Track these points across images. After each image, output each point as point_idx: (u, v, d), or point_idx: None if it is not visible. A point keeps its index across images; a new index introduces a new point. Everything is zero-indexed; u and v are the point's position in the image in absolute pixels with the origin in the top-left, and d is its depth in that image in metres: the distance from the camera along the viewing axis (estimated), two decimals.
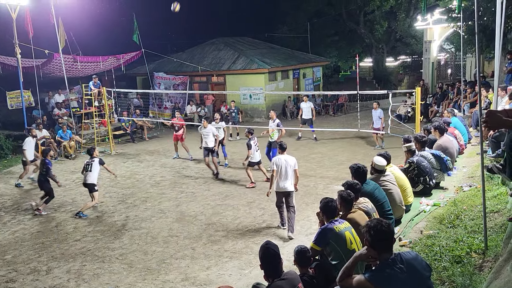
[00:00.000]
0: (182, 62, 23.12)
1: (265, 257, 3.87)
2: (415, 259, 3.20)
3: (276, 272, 3.82)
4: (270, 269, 3.85)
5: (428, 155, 7.77)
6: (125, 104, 20.68)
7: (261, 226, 8.32)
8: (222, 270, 6.65)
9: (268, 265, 3.86)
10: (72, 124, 17.18)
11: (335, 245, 4.52)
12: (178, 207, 9.67)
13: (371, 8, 30.17)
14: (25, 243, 8.14)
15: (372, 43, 33.31)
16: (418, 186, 7.36)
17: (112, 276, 6.68)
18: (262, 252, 3.91)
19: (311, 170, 12.07)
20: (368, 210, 5.26)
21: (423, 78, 23.75)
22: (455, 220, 5.87)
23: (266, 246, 3.91)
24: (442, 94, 17.38)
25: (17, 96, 17.10)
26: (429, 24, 22.15)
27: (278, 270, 3.83)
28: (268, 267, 3.86)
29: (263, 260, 3.89)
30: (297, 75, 24.52)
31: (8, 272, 7.01)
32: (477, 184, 7.20)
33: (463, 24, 14.62)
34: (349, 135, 15.94)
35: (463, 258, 4.67)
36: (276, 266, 3.84)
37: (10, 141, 15.08)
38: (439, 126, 8.91)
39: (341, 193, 5.06)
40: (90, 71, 19.29)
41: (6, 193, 11.38)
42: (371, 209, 5.34)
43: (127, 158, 14.94)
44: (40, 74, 17.13)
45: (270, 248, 3.89)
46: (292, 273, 3.95)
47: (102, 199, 10.50)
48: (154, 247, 7.62)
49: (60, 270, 6.96)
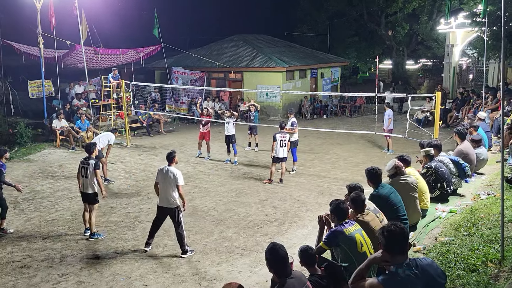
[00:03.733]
0: (201, 58, 23.20)
1: (275, 258, 3.85)
2: (430, 266, 3.15)
3: (284, 268, 3.82)
4: (282, 268, 3.84)
5: (447, 160, 7.66)
6: (142, 97, 20.86)
7: (273, 225, 8.30)
8: (232, 267, 6.65)
9: (279, 265, 3.85)
10: (90, 115, 17.40)
11: (345, 248, 4.50)
12: (191, 201, 9.71)
13: (393, 10, 29.79)
14: (40, 230, 8.27)
15: (393, 45, 32.91)
16: (435, 191, 7.26)
17: (124, 266, 6.75)
18: (271, 253, 3.87)
19: (325, 171, 12.00)
20: (372, 211, 5.22)
21: (444, 82, 23.41)
22: (472, 228, 5.77)
23: (274, 247, 3.89)
24: (462, 100, 17.10)
25: (38, 86, 17.38)
26: (452, 28, 21.81)
27: (288, 269, 3.83)
28: (279, 267, 3.85)
29: (274, 261, 3.87)
30: (315, 75, 24.39)
31: (23, 257, 7.14)
32: (495, 192, 7.07)
33: (488, 29, 14.33)
34: (365, 137, 15.79)
35: (478, 267, 4.58)
36: (287, 264, 3.84)
37: (29, 129, 15.33)
38: (460, 131, 8.79)
39: (354, 196, 5.04)
40: (110, 64, 19.49)
41: (24, 181, 11.57)
42: (374, 210, 5.29)
43: (142, 150, 15.07)
44: (61, 64, 17.37)
45: (279, 248, 3.87)
46: (299, 273, 3.96)
47: (116, 191, 10.61)
48: (166, 240, 7.67)
49: (73, 259, 7.06)
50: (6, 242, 7.75)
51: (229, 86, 22.26)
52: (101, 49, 18.61)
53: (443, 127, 15.43)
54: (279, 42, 27.16)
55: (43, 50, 15.95)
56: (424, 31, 29.42)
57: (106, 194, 8.35)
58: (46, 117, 16.22)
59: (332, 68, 26.28)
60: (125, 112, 16.47)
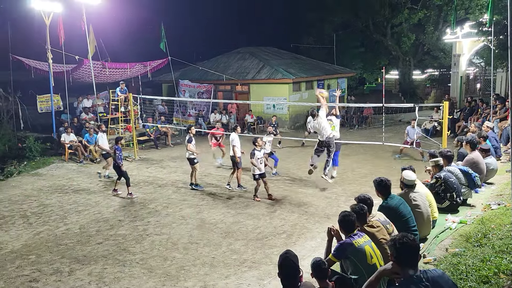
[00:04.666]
0: (207, 71, 23.37)
1: (284, 266, 3.84)
2: (442, 278, 3.11)
3: (294, 282, 3.78)
4: (288, 278, 3.81)
5: (456, 170, 7.59)
6: (150, 111, 21.01)
7: (282, 237, 8.25)
8: (241, 280, 6.60)
9: (286, 274, 3.83)
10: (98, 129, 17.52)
11: (355, 260, 4.44)
12: (199, 214, 9.70)
13: (398, 21, 29.91)
14: (49, 244, 8.29)
15: (399, 55, 32.96)
16: (445, 202, 7.18)
17: (132, 280, 6.73)
18: (281, 261, 3.89)
19: (333, 182, 11.93)
20: (382, 223, 5.16)
21: (451, 92, 23.33)
22: (483, 238, 5.69)
23: (286, 255, 3.89)
24: (470, 109, 17.01)
25: (47, 100, 17.58)
26: (458, 38, 21.80)
27: (296, 280, 3.79)
28: (286, 276, 3.83)
29: (282, 268, 3.87)
30: (321, 86, 24.43)
31: (32, 272, 7.15)
32: (506, 202, 6.98)
33: (494, 38, 14.31)
34: (373, 148, 15.72)
35: (490, 278, 4.51)
36: (295, 275, 3.81)
37: (38, 144, 15.47)
38: (471, 141, 8.71)
39: (354, 207, 5.01)
40: (118, 77, 19.70)
41: (33, 194, 11.65)
42: (384, 221, 5.24)
43: (150, 163, 15.12)
44: (69, 79, 17.59)
45: (289, 257, 3.86)
46: (309, 285, 3.91)
47: (124, 204, 10.63)
48: (174, 253, 7.64)
49: (82, 272, 7.05)
50: (15, 256, 7.77)
51: (236, 98, 22.36)
52: (109, 63, 18.84)
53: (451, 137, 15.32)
54: (285, 54, 27.32)
55: (52, 65, 16.19)
56: (430, 41, 29.46)
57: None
58: (54, 131, 16.36)
59: (339, 79, 26.33)
60: (132, 125, 16.58)
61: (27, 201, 11.13)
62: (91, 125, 16.87)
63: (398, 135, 17.07)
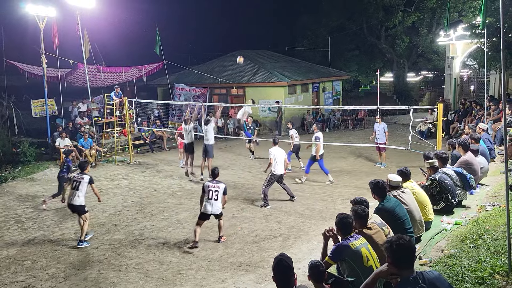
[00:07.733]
0: (202, 74, 23.36)
1: (278, 269, 3.84)
2: (438, 279, 3.12)
3: (288, 285, 3.78)
4: (282, 281, 3.81)
5: (451, 172, 7.62)
6: (145, 114, 20.96)
7: (278, 240, 8.25)
8: (237, 283, 6.59)
9: (280, 277, 3.83)
10: (94, 133, 17.47)
11: (351, 262, 4.45)
12: (195, 218, 9.63)
13: (392, 23, 30.08)
14: (44, 250, 8.24)
15: (393, 58, 33.14)
16: (440, 204, 7.21)
17: (128, 285, 6.70)
18: (275, 263, 3.88)
19: (329, 185, 11.95)
20: (378, 225, 5.17)
21: (445, 94, 23.46)
22: (478, 240, 5.72)
23: (280, 258, 3.88)
24: (464, 111, 17.10)
25: (42, 105, 17.50)
26: (451, 40, 21.94)
27: (290, 284, 3.79)
28: (280, 279, 3.83)
29: (276, 272, 3.87)
30: (316, 89, 24.50)
31: (27, 277, 7.10)
32: (500, 203, 7.02)
33: (487, 40, 14.42)
34: (368, 150, 15.77)
35: (485, 279, 4.53)
36: (288, 279, 3.80)
37: (33, 148, 15.39)
38: (463, 143, 8.76)
39: (356, 209, 5.00)
40: (113, 81, 19.65)
41: (27, 199, 11.58)
42: (380, 223, 5.25)
43: (145, 167, 15.08)
44: (64, 83, 17.52)
45: (284, 260, 3.85)
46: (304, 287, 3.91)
47: (120, 208, 10.59)
48: (170, 258, 7.62)
49: (78, 278, 7.01)
50: (9, 262, 7.72)
51: (232, 102, 22.36)
52: (104, 67, 18.80)
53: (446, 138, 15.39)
54: (280, 57, 27.37)
55: (46, 69, 16.12)
56: (424, 43, 29.65)
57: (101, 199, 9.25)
58: (49, 136, 16.29)
59: (334, 81, 26.41)
60: (128, 129, 16.53)
61: (22, 206, 11.06)
62: (86, 129, 16.81)
63: (392, 137, 17.13)
